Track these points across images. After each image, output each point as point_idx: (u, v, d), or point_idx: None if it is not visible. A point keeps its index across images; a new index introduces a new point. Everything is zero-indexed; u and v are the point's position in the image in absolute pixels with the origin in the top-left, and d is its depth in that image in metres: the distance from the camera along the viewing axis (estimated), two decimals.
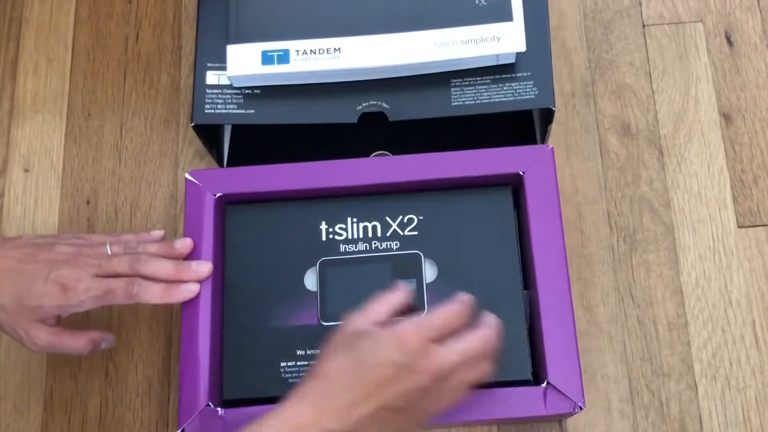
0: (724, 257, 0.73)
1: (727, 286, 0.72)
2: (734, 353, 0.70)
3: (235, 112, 0.69)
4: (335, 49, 0.68)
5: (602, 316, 0.72)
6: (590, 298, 0.72)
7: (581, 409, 0.58)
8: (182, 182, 0.77)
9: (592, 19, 0.80)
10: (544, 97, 0.67)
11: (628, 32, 0.80)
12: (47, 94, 0.81)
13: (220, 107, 0.69)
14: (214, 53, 0.70)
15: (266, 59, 0.68)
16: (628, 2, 0.81)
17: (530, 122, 0.74)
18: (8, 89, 0.81)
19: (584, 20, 0.80)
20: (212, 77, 0.70)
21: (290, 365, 0.63)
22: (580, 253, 0.73)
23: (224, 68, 0.69)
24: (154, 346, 0.73)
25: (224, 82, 0.69)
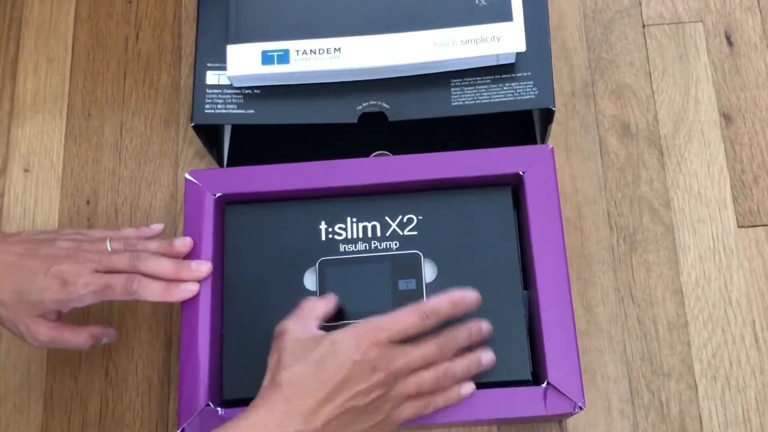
0: (724, 257, 0.73)
1: (727, 286, 0.72)
2: (734, 353, 0.70)
3: (235, 112, 0.69)
4: (335, 49, 0.68)
5: (602, 316, 0.72)
6: (590, 298, 0.72)
7: (581, 409, 0.58)
8: (182, 182, 0.77)
9: (592, 19, 0.80)
10: (544, 97, 0.67)
11: (628, 32, 0.80)
12: (47, 94, 0.81)
13: (220, 107, 0.69)
14: (214, 53, 0.70)
15: (266, 59, 0.68)
16: (628, 2, 0.81)
17: (530, 122, 0.74)
18: (8, 89, 0.81)
19: (584, 20, 0.80)
20: (212, 77, 0.70)
21: None
22: (580, 253, 0.73)
23: (224, 68, 0.69)
24: (154, 346, 0.73)
25: (224, 82, 0.69)
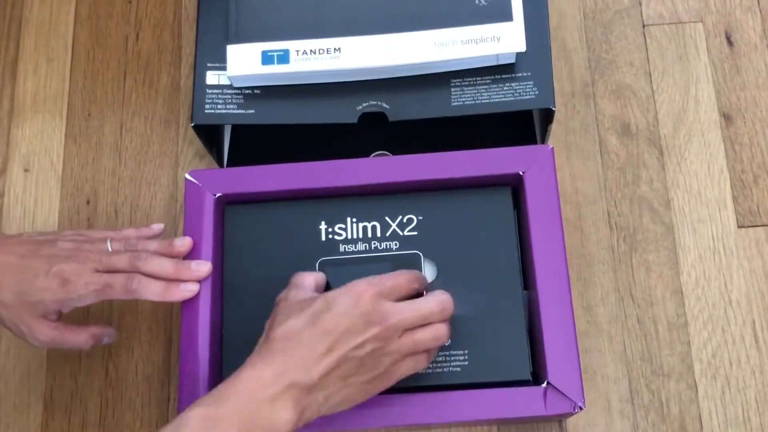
0: (724, 257, 0.73)
1: (727, 286, 0.72)
2: (734, 353, 0.70)
3: (235, 112, 0.69)
4: (335, 49, 0.68)
5: (602, 316, 0.72)
6: (590, 298, 0.72)
7: (581, 409, 0.58)
8: (182, 182, 0.77)
9: (592, 19, 0.80)
10: (544, 97, 0.67)
11: (628, 32, 0.80)
12: (47, 94, 0.81)
13: (220, 107, 0.69)
14: (214, 53, 0.70)
15: (266, 59, 0.68)
16: (628, 2, 0.81)
17: (530, 122, 0.74)
18: (8, 89, 0.81)
19: (584, 20, 0.80)
20: (212, 77, 0.70)
21: None
22: (580, 253, 0.73)
23: (224, 68, 0.69)
24: (154, 346, 0.73)
25: (224, 82, 0.69)
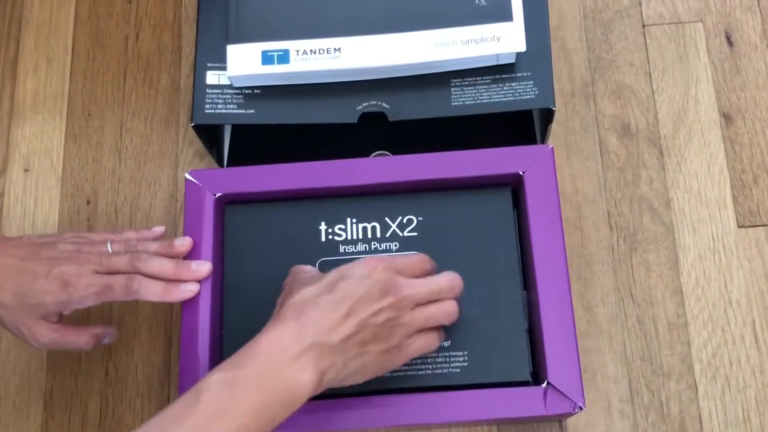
0: (724, 257, 0.73)
1: (727, 286, 0.72)
2: (734, 353, 0.70)
3: (235, 112, 0.69)
4: (335, 49, 0.68)
5: (602, 316, 0.72)
6: (590, 298, 0.72)
7: (581, 409, 0.58)
8: (182, 182, 0.77)
9: (592, 19, 0.80)
10: (544, 97, 0.67)
11: (628, 32, 0.80)
12: (47, 94, 0.81)
13: (220, 107, 0.69)
14: (214, 53, 0.70)
15: (266, 59, 0.68)
16: (628, 2, 0.81)
17: (530, 122, 0.74)
18: (8, 89, 0.81)
19: (584, 20, 0.80)
20: (212, 77, 0.70)
21: None
22: (580, 253, 0.73)
23: (224, 68, 0.69)
24: (154, 346, 0.73)
25: (224, 82, 0.69)
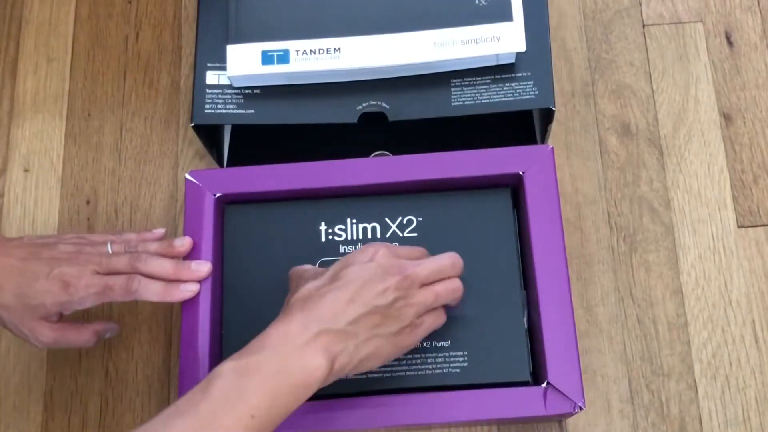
0: (724, 257, 0.73)
1: (727, 286, 0.72)
2: (734, 353, 0.70)
3: (235, 112, 0.69)
4: (335, 49, 0.68)
5: (602, 316, 0.72)
6: (590, 298, 0.72)
7: (581, 409, 0.58)
8: (182, 182, 0.77)
9: (592, 19, 0.80)
10: (544, 97, 0.67)
11: (628, 32, 0.80)
12: (47, 94, 0.81)
13: (220, 107, 0.69)
14: (214, 53, 0.70)
15: (266, 59, 0.68)
16: (628, 2, 0.81)
17: (530, 122, 0.74)
18: (8, 89, 0.81)
19: (584, 20, 0.80)
20: (212, 77, 0.70)
21: None
22: (580, 253, 0.73)
23: (224, 68, 0.69)
24: (154, 346, 0.73)
25: (224, 82, 0.69)
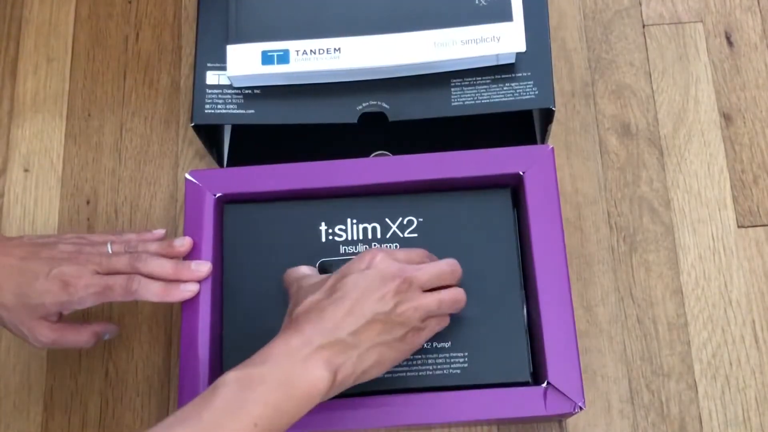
0: (724, 257, 0.73)
1: (727, 286, 0.72)
2: (734, 353, 0.70)
3: (235, 112, 0.69)
4: (335, 49, 0.68)
5: (602, 316, 0.72)
6: (590, 298, 0.72)
7: (581, 409, 0.58)
8: (182, 182, 0.77)
9: (592, 19, 0.80)
10: (544, 97, 0.67)
11: (628, 32, 0.80)
12: (47, 94, 0.81)
13: (220, 107, 0.69)
14: (214, 53, 0.70)
15: (266, 59, 0.68)
16: (628, 2, 0.81)
17: (530, 122, 0.74)
18: (8, 89, 0.81)
19: (584, 20, 0.80)
20: (212, 77, 0.70)
21: None
22: (580, 253, 0.73)
23: (224, 68, 0.69)
24: (154, 346, 0.73)
25: (224, 82, 0.69)
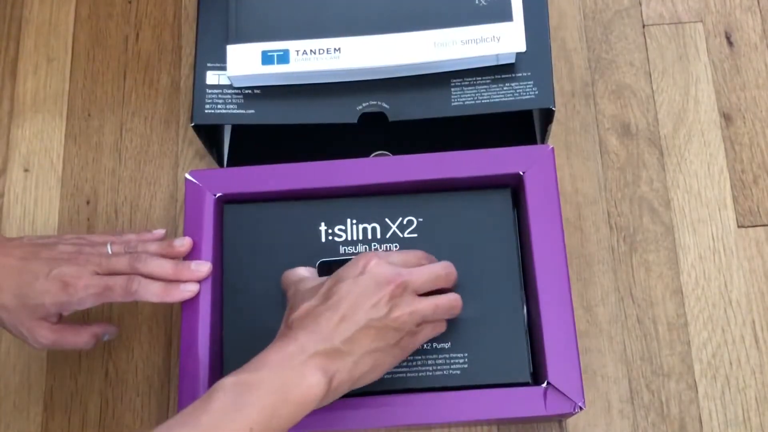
0: (724, 257, 0.73)
1: (727, 286, 0.72)
2: (734, 353, 0.70)
3: (235, 112, 0.69)
4: (335, 49, 0.68)
5: (602, 316, 0.72)
6: (590, 298, 0.72)
7: (581, 409, 0.58)
8: (182, 182, 0.77)
9: (592, 19, 0.80)
10: (544, 97, 0.67)
11: (628, 32, 0.80)
12: (47, 94, 0.81)
13: (220, 107, 0.69)
14: (214, 53, 0.70)
15: (266, 59, 0.68)
16: (628, 2, 0.81)
17: (530, 122, 0.74)
18: (8, 89, 0.81)
19: (584, 20, 0.80)
20: (212, 77, 0.70)
21: None
22: (580, 253, 0.73)
23: (224, 68, 0.69)
24: (154, 346, 0.73)
25: (224, 82, 0.69)
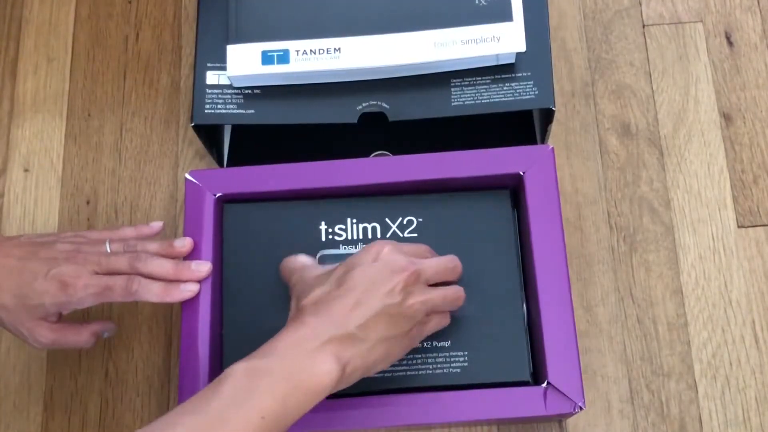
0: (724, 257, 0.73)
1: (727, 286, 0.72)
2: (734, 353, 0.70)
3: (235, 112, 0.69)
4: (335, 49, 0.68)
5: (602, 316, 0.72)
6: (590, 298, 0.72)
7: (581, 409, 0.58)
8: (182, 182, 0.77)
9: (592, 19, 0.80)
10: (544, 97, 0.67)
11: (628, 32, 0.80)
12: (47, 94, 0.81)
13: (220, 107, 0.69)
14: (214, 53, 0.70)
15: (266, 59, 0.68)
16: (628, 2, 0.81)
17: (530, 122, 0.74)
18: (8, 89, 0.81)
19: (584, 20, 0.80)
20: (212, 77, 0.70)
21: None
22: (580, 253, 0.73)
23: (224, 68, 0.69)
24: (154, 346, 0.73)
25: (224, 82, 0.69)
